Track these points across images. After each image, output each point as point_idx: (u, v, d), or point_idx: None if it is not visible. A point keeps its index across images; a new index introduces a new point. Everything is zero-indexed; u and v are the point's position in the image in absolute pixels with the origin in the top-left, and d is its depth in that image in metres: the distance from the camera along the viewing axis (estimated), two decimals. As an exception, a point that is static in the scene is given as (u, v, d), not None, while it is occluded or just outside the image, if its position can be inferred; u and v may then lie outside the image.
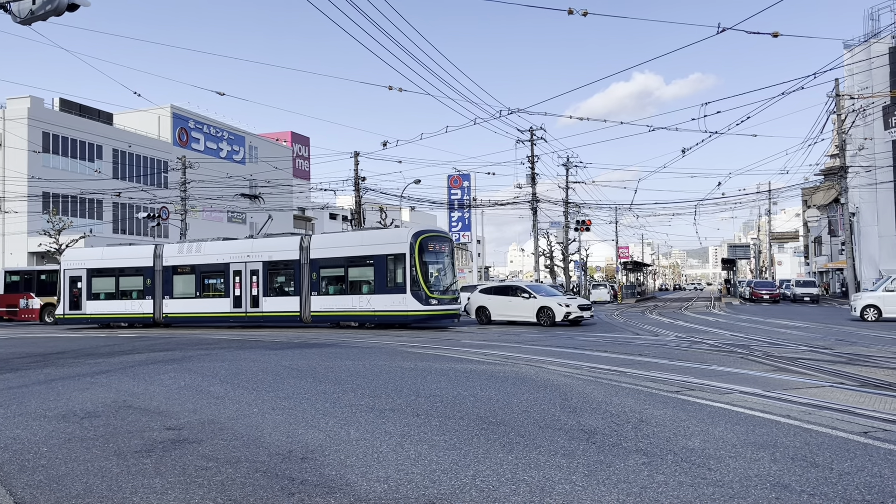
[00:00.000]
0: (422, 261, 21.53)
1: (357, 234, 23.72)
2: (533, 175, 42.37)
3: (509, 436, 5.99)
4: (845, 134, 39.32)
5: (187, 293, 25.74)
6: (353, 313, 22.39)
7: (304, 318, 23.29)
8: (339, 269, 22.95)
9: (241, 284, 24.50)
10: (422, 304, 21.26)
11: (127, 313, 26.68)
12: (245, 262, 24.51)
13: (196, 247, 26.10)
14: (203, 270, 25.46)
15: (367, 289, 22.26)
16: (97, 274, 27.31)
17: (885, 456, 5.17)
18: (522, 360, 12.11)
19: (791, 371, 10.54)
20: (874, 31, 45.69)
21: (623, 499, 4.23)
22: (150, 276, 26.31)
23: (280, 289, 24.19)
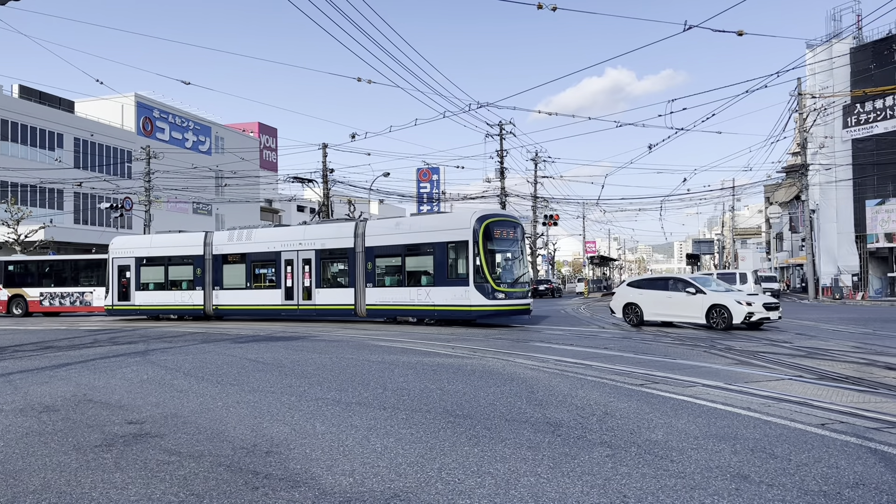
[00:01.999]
0: (487, 248, 19.08)
1: (416, 220, 21.77)
2: (502, 169, 42.51)
3: (476, 429, 6.00)
4: (807, 132, 40.11)
5: (237, 283, 24.06)
6: (411, 307, 20.36)
7: (359, 312, 21.54)
8: (395, 258, 20.96)
9: (293, 275, 22.84)
10: (487, 297, 18.88)
11: (176, 305, 25.19)
12: (297, 251, 22.80)
13: (246, 234, 24.34)
14: (254, 259, 23.76)
15: (426, 280, 20.14)
16: (146, 263, 25.88)
17: (842, 447, 5.30)
18: (490, 354, 12.16)
19: (752, 364, 10.74)
20: (836, 32, 46.67)
21: (587, 490, 4.26)
22: (200, 265, 24.84)
23: (333, 280, 22.45)
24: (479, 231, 19.09)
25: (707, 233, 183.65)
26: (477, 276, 18.89)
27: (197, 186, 49.39)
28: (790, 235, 65.32)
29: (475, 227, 19.15)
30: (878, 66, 44.34)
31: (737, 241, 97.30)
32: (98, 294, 30.30)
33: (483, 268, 18.87)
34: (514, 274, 20.02)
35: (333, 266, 22.53)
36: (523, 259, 20.65)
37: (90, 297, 30.32)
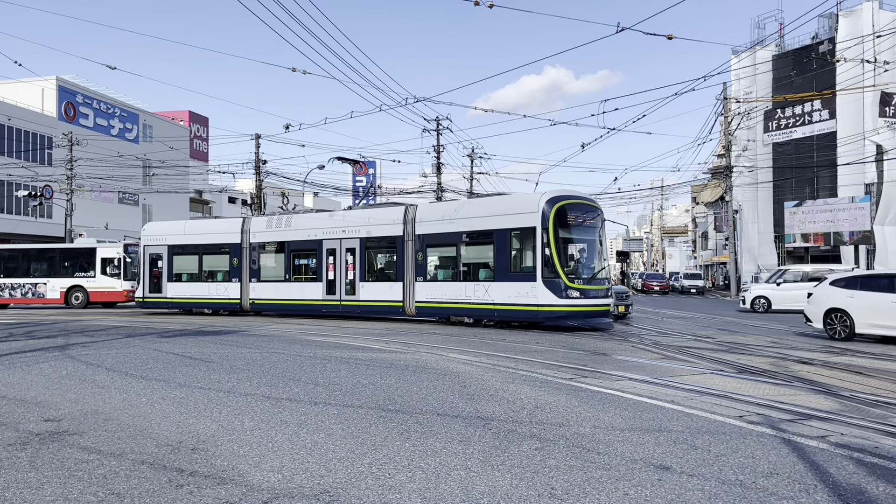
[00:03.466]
0: (559, 237, 16.19)
1: (474, 203, 18.66)
2: (438, 164, 42.58)
3: (407, 423, 6.00)
4: (731, 135, 41.64)
5: (276, 275, 21.91)
6: (467, 305, 17.68)
7: (408, 310, 19.01)
8: (449, 248, 18.28)
9: (336, 266, 20.48)
10: (557, 296, 15.90)
11: (211, 298, 23.13)
12: (340, 239, 20.44)
13: (286, 220, 22.06)
14: (294, 248, 21.51)
15: (485, 275, 17.41)
16: (179, 251, 23.89)
17: (758, 438, 5.52)
18: (424, 349, 12.17)
19: (677, 359, 11.09)
20: (760, 39, 48.56)
21: (516, 483, 4.32)
22: (237, 254, 22.66)
23: (380, 272, 20.02)
24: (549, 215, 16.17)
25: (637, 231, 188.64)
26: (546, 269, 16.05)
27: (123, 175, 47.70)
28: (714, 235, 67.73)
29: (545, 210, 16.25)
30: (799, 74, 46.35)
31: (665, 240, 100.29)
32: (52, 285, 29.08)
33: (554, 260, 15.98)
34: (592, 268, 16.95)
35: (380, 257, 20.15)
36: (603, 250, 17.40)
37: (43, 289, 29.08)
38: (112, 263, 29.14)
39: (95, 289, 29.16)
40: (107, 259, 29.21)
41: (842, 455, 4.98)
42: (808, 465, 4.74)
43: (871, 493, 4.14)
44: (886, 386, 8.52)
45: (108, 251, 29.46)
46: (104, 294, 29.18)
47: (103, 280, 29.12)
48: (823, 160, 45.26)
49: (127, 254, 29.15)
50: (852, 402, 7.35)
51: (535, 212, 16.38)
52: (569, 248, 16.74)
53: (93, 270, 29.29)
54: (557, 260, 15.99)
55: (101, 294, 29.19)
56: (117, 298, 29.24)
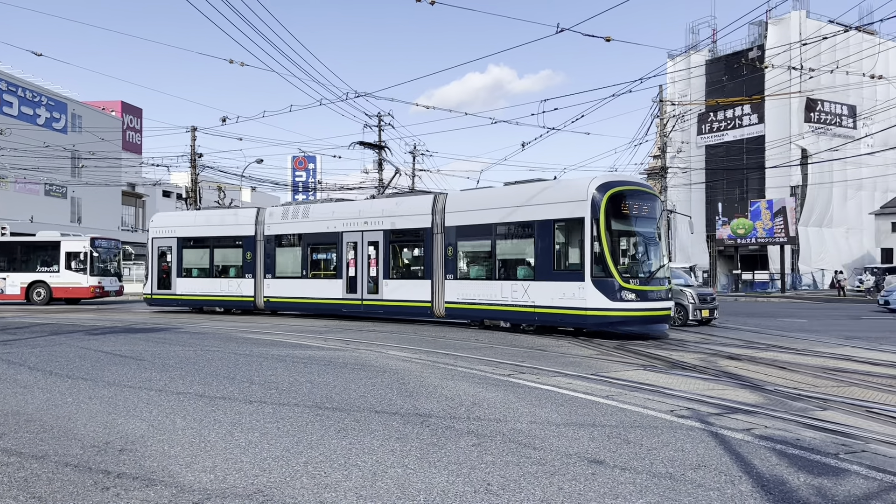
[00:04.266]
0: (611, 229, 13.91)
1: (512, 191, 16.15)
2: (380, 161, 42.41)
3: (345, 421, 5.95)
4: (666, 137, 42.77)
5: (292, 271, 20.18)
6: (504, 307, 15.46)
7: (437, 311, 17.03)
8: (483, 241, 16.23)
9: (357, 261, 18.63)
10: (609, 298, 13.57)
11: (222, 295, 21.36)
12: (361, 232, 18.54)
13: (303, 210, 20.24)
14: (311, 241, 19.76)
15: (524, 272, 15.28)
16: (189, 244, 22.16)
17: (687, 431, 5.69)
18: (363, 346, 12.10)
19: (613, 355, 11.33)
20: (694, 44, 50.00)
21: (453, 480, 4.34)
22: (251, 247, 20.85)
23: (406, 269, 18.24)
24: (600, 204, 13.82)
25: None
26: (596, 267, 13.76)
27: (50, 167, 45.86)
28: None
29: (595, 198, 13.91)
30: (730, 79, 47.94)
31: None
32: (12, 280, 27.45)
33: (605, 256, 13.65)
34: (650, 266, 14.51)
35: (405, 251, 18.36)
36: (662, 245, 15.04)
37: (2, 284, 27.48)
38: (78, 258, 27.53)
39: (59, 284, 27.52)
40: (72, 253, 27.59)
41: (765, 447, 5.18)
42: (734, 457, 4.91)
43: (791, 483, 4.31)
44: (807, 380, 8.90)
45: (74, 245, 27.87)
46: (69, 290, 27.54)
47: (68, 275, 27.49)
48: (753, 163, 46.95)
49: (94, 248, 27.64)
50: (776, 396, 7.64)
51: (583, 200, 14.05)
52: (623, 242, 14.63)
53: (57, 265, 27.66)
54: (609, 256, 13.66)
55: (66, 290, 27.54)
56: (83, 294, 27.66)
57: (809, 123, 46.20)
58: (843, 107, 47.51)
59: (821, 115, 46.88)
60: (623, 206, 14.21)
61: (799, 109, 46.15)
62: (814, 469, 4.61)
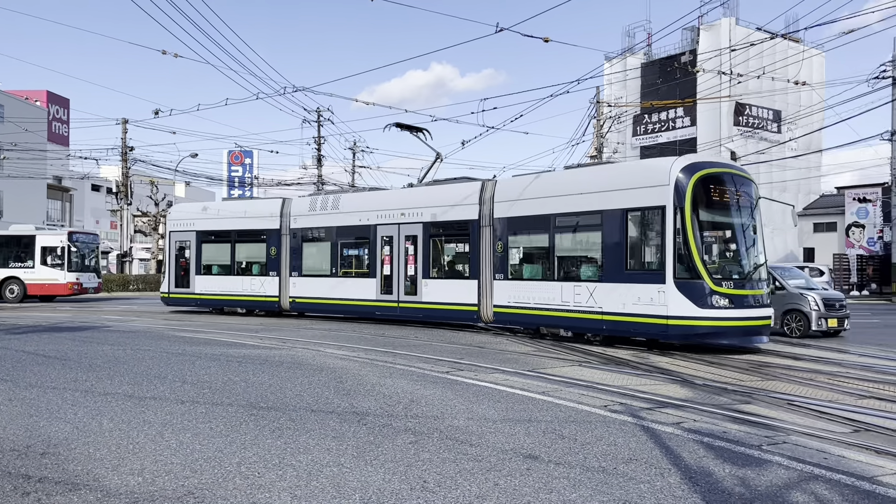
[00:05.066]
0: (699, 220, 11.66)
1: (575, 175, 13.77)
2: (319, 156, 41.94)
3: (280, 421, 5.87)
4: (603, 138, 43.64)
5: (321, 269, 18.16)
6: (565, 313, 13.02)
7: (484, 316, 14.84)
8: (539, 236, 13.90)
9: (393, 258, 16.61)
10: (698, 304, 11.21)
11: (244, 294, 19.35)
12: (398, 224, 16.51)
13: (333, 200, 18.20)
14: (341, 236, 17.78)
15: (588, 272, 12.86)
16: (209, 238, 20.25)
17: (620, 426, 5.82)
18: (300, 345, 11.95)
19: (551, 352, 11.51)
20: (630, 47, 51.16)
21: (389, 478, 4.32)
22: (276, 242, 18.89)
23: (448, 267, 16.13)
24: (686, 189, 11.50)
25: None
26: (680, 266, 11.45)
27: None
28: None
29: (680, 182, 11.55)
30: (664, 82, 49.23)
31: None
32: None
33: (692, 253, 11.34)
34: (747, 264, 12.10)
35: (448, 247, 16.33)
36: (759, 240, 12.51)
37: None
38: (54, 253, 26.10)
39: (34, 281, 26.03)
40: (48, 248, 26.15)
41: (693, 440, 5.34)
42: (664, 450, 5.05)
43: (717, 474, 4.46)
44: (734, 375, 9.23)
45: (50, 239, 26.46)
46: (44, 287, 26.08)
47: (43, 271, 26.00)
48: (685, 164, 48.30)
49: (72, 242, 26.25)
50: (704, 391, 7.90)
51: (664, 185, 11.69)
52: (714, 235, 12.43)
53: (31, 260, 26.19)
54: (697, 253, 11.37)
55: (41, 287, 26.07)
56: (59, 292, 26.20)
57: (738, 127, 47.87)
58: (770, 111, 49.40)
59: (749, 119, 48.64)
60: (714, 192, 11.93)
61: (728, 113, 47.77)
62: (738, 460, 4.78)
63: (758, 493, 4.10)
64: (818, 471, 4.52)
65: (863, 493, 4.08)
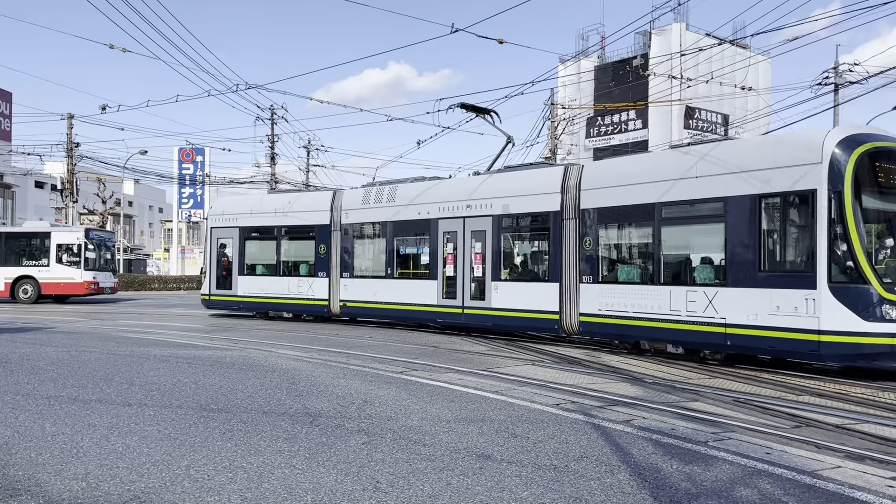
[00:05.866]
0: (863, 207, 9.28)
1: (685, 155, 11.08)
2: (273, 155, 41.46)
3: (230, 423, 5.78)
4: (557, 139, 44.13)
5: (375, 269, 16.26)
6: (673, 325, 10.60)
7: (567, 326, 12.43)
8: (639, 229, 11.66)
9: (457, 257, 14.48)
10: (862, 315, 8.89)
11: (291, 298, 17.49)
12: (463, 218, 14.41)
13: (388, 192, 16.24)
14: (398, 232, 15.75)
15: (705, 273, 10.54)
16: (253, 235, 18.50)
17: (572, 424, 5.90)
18: (252, 345, 11.80)
19: (504, 351, 11.59)
20: (584, 50, 51.83)
21: (341, 479, 4.30)
22: (325, 239, 17.05)
23: (524, 267, 13.94)
24: (844, 168, 9.13)
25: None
26: (836, 267, 9.08)
27: None
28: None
29: (837, 159, 9.17)
30: (617, 85, 50.02)
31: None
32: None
33: (854, 250, 8.98)
34: None
35: (522, 244, 14.13)
36: None
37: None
38: (70, 250, 24.93)
39: (49, 280, 24.81)
40: (64, 245, 24.98)
41: (643, 437, 5.44)
42: (614, 447, 5.13)
43: (665, 470, 4.55)
44: (682, 373, 9.43)
45: (66, 236, 25.26)
46: (60, 286, 24.88)
47: (59, 270, 24.81)
48: (637, 166, 49.14)
49: (88, 239, 25.11)
50: (653, 389, 8.06)
51: (815, 163, 9.26)
52: (883, 228, 9.90)
53: (46, 258, 24.99)
54: (862, 250, 9.00)
55: (56, 286, 24.87)
56: (75, 291, 25.04)
57: (688, 130, 48.91)
58: (718, 115, 50.61)
59: (698, 123, 49.75)
60: (881, 173, 9.39)
61: (679, 116, 48.78)
62: (685, 457, 4.88)
63: (704, 488, 4.20)
64: (761, 466, 4.65)
65: (804, 487, 4.21)
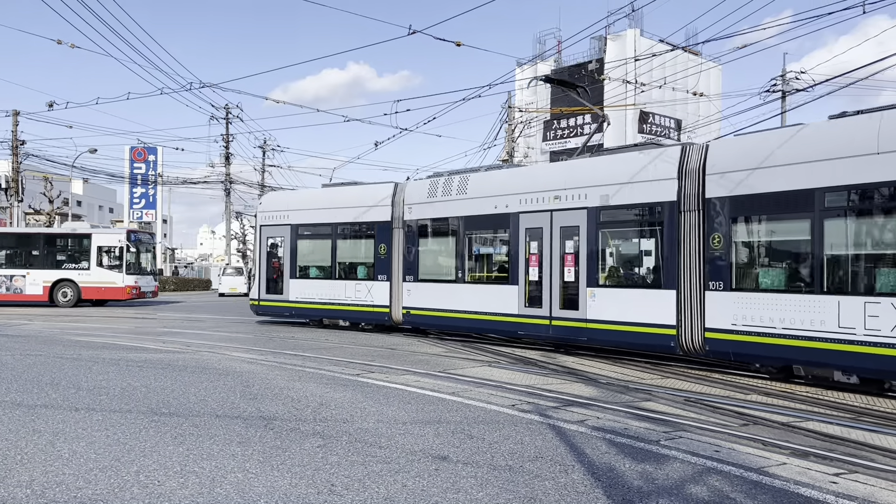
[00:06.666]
0: None
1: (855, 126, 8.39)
2: (227, 155, 40.86)
3: (182, 427, 5.67)
4: (514, 142, 44.43)
5: (444, 272, 14.11)
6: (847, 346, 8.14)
7: (688, 344, 9.98)
8: (793, 222, 9.06)
9: (542, 258, 12.07)
10: None
11: (348, 304, 15.49)
12: (550, 212, 12.01)
13: (458, 182, 13.97)
14: (470, 228, 13.54)
15: (893, 281, 8.01)
16: (306, 234, 16.61)
17: (527, 425, 5.94)
18: (205, 348, 11.59)
19: (462, 353, 11.61)
20: (540, 53, 52.36)
21: (296, 482, 4.25)
22: (386, 237, 15.05)
23: (627, 270, 11.63)
24: None
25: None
26: None
27: None
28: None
29: None
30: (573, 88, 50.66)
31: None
32: (34, 278, 23.34)
33: None
34: None
35: (627, 242, 11.82)
36: None
37: (21, 283, 23.38)
38: (111, 253, 23.94)
39: (89, 283, 23.74)
40: (105, 248, 23.97)
41: (597, 437, 5.51)
42: (569, 447, 5.19)
43: (619, 469, 4.62)
44: (635, 373, 9.58)
45: (107, 238, 24.28)
46: (100, 290, 23.85)
47: (100, 273, 23.78)
48: (592, 169, 49.79)
49: (130, 241, 24.11)
50: (608, 389, 8.17)
51: None
52: None
53: (87, 261, 23.92)
54: None
55: (97, 290, 23.83)
56: (117, 296, 24.05)
57: (643, 134, 49.76)
58: (671, 120, 51.63)
59: (652, 127, 50.66)
60: None
61: (633, 120, 49.60)
62: (638, 455, 4.97)
63: (656, 485, 4.27)
64: (711, 463, 4.75)
65: (752, 484, 4.32)
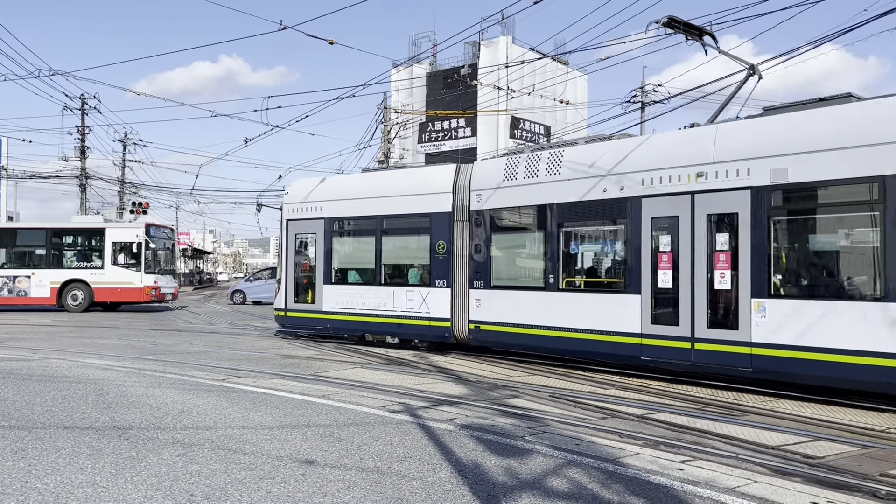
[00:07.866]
0: None
1: None
2: (83, 148, 38.21)
3: (24, 440, 5.23)
4: (390, 143, 44.49)
5: (526, 276, 11.11)
6: None
7: None
8: None
9: (677, 258, 8.78)
10: None
11: (396, 316, 12.21)
12: (690, 194, 8.72)
13: (549, 160, 10.54)
14: (566, 218, 10.23)
15: None
16: (343, 230, 13.38)
17: (397, 426, 5.95)
18: (54, 354, 10.78)
19: (333, 355, 11.47)
20: (416, 55, 52.76)
21: (152, 494, 4.03)
22: (445, 233, 11.74)
23: (817, 275, 8.21)
24: None
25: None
26: None
27: None
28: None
29: None
30: (448, 92, 51.35)
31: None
32: (40, 279, 19.98)
33: None
34: None
35: (816, 237, 8.38)
36: None
37: (26, 284, 20.07)
38: (128, 250, 20.94)
39: (103, 284, 20.71)
40: (121, 244, 20.90)
41: (465, 435, 5.61)
42: (437, 446, 5.24)
43: (485, 465, 4.72)
44: (504, 371, 9.85)
45: (124, 233, 21.12)
46: (116, 292, 20.85)
47: (115, 272, 20.83)
48: (466, 172, 50.72)
49: (149, 236, 21.00)
50: (478, 387, 8.34)
51: None
52: None
53: (100, 259, 20.93)
54: None
55: (112, 291, 20.83)
56: (134, 298, 21.04)
57: (514, 139, 51.26)
58: (541, 126, 53.50)
59: (523, 133, 52.28)
60: None
61: (505, 125, 50.97)
62: (504, 451, 5.09)
63: (520, 480, 4.40)
64: (571, 456, 4.95)
65: (608, 474, 4.54)
